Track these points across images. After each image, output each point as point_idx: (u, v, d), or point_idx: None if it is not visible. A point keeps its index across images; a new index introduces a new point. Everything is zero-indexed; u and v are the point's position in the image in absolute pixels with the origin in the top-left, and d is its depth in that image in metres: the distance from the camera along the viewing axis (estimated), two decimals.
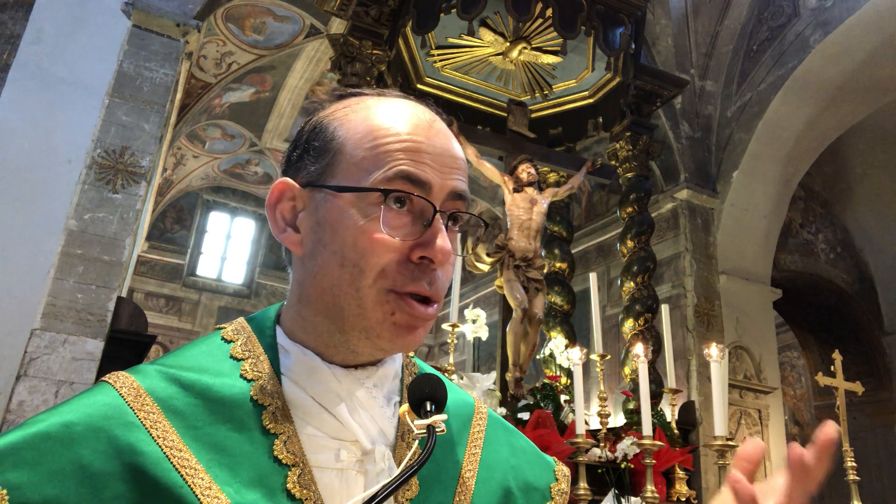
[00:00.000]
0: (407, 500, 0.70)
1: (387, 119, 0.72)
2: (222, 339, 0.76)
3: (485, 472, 0.79)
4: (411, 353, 0.87)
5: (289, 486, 0.65)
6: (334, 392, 0.71)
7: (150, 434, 0.63)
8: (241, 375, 0.71)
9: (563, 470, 0.89)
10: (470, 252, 4.69)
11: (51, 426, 0.61)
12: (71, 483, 0.58)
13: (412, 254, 0.68)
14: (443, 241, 0.68)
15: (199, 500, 0.61)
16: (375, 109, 0.74)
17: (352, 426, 0.70)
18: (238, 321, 0.79)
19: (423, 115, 0.74)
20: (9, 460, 0.58)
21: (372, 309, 0.68)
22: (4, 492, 0.56)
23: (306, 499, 0.65)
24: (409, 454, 0.68)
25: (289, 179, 0.74)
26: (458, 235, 0.74)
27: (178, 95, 5.40)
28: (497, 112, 5.69)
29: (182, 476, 0.61)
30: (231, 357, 0.73)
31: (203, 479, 0.62)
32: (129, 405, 0.64)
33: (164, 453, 0.62)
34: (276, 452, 0.66)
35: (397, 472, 0.63)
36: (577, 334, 5.53)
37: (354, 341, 0.70)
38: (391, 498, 0.67)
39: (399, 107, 0.74)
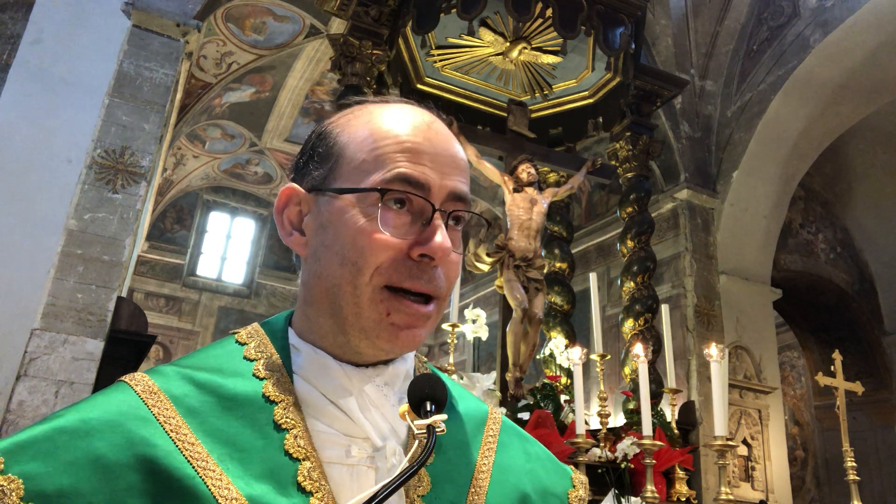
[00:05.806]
0: (419, 496, 0.70)
1: (386, 122, 0.74)
2: (236, 342, 0.78)
3: (499, 475, 0.78)
4: (424, 359, 0.88)
5: (300, 479, 0.66)
6: (345, 389, 0.72)
7: (164, 428, 0.65)
8: (254, 374, 0.73)
9: (581, 478, 0.89)
10: (470, 252, 4.69)
11: (68, 421, 0.63)
12: (85, 473, 0.60)
13: (412, 252, 0.69)
14: (442, 238, 0.69)
15: (210, 491, 0.62)
16: (376, 114, 0.76)
17: (362, 423, 0.71)
18: (252, 326, 0.82)
19: (423, 118, 0.76)
20: (27, 452, 0.60)
21: (368, 308, 0.69)
22: (20, 481, 0.58)
23: (317, 491, 0.66)
24: (410, 453, 0.68)
25: (295, 185, 0.77)
26: (460, 235, 0.76)
27: (178, 95, 5.40)
28: (497, 112, 5.69)
29: (194, 468, 0.63)
30: (245, 358, 0.75)
31: (214, 472, 0.63)
32: (144, 402, 0.67)
33: (177, 446, 0.64)
34: (287, 447, 0.67)
35: (398, 470, 0.63)
36: (577, 334, 5.53)
37: (355, 342, 0.71)
38: (402, 493, 0.69)
39: (399, 111, 0.77)
